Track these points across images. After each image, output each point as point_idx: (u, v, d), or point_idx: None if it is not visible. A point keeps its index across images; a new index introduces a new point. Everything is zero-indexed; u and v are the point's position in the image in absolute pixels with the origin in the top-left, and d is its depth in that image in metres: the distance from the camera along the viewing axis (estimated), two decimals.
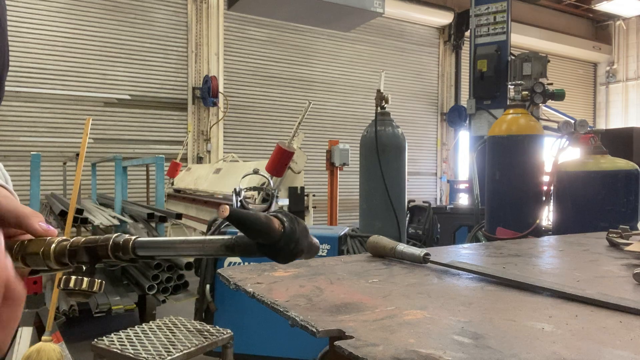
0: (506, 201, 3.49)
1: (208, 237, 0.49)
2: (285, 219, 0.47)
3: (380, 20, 9.03)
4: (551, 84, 4.63)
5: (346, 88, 9.66)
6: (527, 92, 4.12)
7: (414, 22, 10.42)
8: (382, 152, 3.44)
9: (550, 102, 4.88)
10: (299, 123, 4.93)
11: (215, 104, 8.15)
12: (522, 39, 10.68)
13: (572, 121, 3.71)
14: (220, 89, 8.23)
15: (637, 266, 1.13)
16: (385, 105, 3.60)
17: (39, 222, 0.48)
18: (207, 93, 7.97)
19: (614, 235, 1.46)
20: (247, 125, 8.76)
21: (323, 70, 9.49)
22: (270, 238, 0.46)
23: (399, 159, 3.56)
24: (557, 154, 3.64)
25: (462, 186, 7.91)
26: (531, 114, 3.82)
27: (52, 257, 0.47)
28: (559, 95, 4.49)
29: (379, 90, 3.60)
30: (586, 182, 3.23)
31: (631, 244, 1.32)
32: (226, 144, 8.47)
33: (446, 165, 10.95)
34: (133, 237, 0.49)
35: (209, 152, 8.26)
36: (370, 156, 3.52)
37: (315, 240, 0.52)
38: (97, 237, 0.49)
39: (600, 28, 13.09)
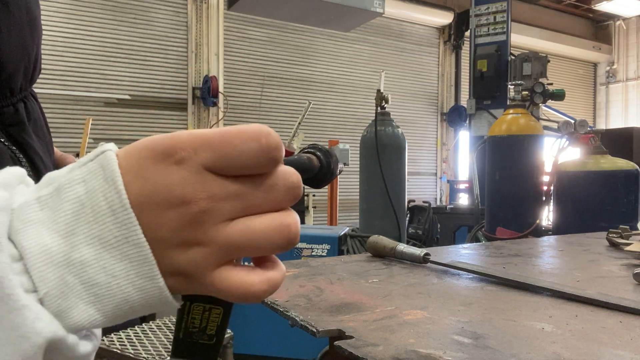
0: (506, 201, 3.49)
1: None
2: (321, 156, 0.63)
3: (380, 20, 9.02)
4: (551, 84, 4.62)
5: (346, 88, 9.65)
6: (527, 92, 4.12)
7: (413, 22, 10.41)
8: (382, 152, 3.45)
9: (550, 102, 4.88)
10: (299, 123, 4.94)
11: (215, 104, 8.14)
12: (522, 39, 10.67)
13: (572, 121, 3.71)
14: (220, 89, 8.22)
15: (637, 266, 1.13)
16: (385, 105, 3.60)
17: None
18: (207, 93, 7.96)
19: (614, 235, 1.46)
20: None
21: (323, 70, 9.48)
22: (313, 173, 0.60)
23: (399, 159, 3.56)
24: (557, 154, 3.65)
25: (462, 186, 7.90)
26: (531, 114, 3.82)
27: None
28: (559, 95, 4.49)
29: (379, 90, 3.60)
30: (586, 182, 3.23)
31: (631, 244, 1.32)
32: None
33: (446, 165, 10.94)
34: None
35: None
36: (370, 156, 3.52)
37: (341, 166, 0.70)
38: None
39: (600, 28, 13.08)
